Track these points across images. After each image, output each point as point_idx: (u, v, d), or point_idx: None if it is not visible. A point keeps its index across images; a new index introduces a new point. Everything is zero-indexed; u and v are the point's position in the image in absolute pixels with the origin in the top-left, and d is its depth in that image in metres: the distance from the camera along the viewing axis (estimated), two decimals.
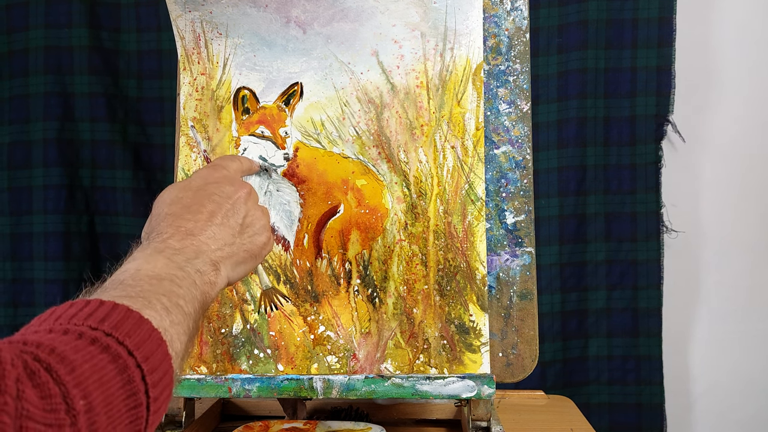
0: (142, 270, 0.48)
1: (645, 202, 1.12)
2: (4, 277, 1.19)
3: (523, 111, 0.86)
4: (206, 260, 0.53)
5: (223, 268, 0.55)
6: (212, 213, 0.56)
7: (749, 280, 1.17)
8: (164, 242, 0.52)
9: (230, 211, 0.57)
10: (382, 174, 0.82)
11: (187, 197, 0.56)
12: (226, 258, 0.56)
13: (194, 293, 0.49)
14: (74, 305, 0.41)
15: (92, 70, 1.15)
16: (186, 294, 0.48)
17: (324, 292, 0.81)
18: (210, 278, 0.53)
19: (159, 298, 0.45)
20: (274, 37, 0.84)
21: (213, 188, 0.58)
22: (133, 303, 0.43)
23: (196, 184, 0.58)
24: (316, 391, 0.77)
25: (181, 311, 0.46)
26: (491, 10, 0.86)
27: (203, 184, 0.58)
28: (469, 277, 0.80)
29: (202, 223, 0.55)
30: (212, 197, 0.57)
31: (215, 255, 0.54)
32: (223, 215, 0.57)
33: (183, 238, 0.53)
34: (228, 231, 0.57)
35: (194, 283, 0.50)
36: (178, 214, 0.55)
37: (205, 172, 0.61)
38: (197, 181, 0.59)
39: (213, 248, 0.54)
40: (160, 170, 1.17)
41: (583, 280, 1.14)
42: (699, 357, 1.19)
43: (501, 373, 0.83)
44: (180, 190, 0.57)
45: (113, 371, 0.37)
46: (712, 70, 1.16)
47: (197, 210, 0.55)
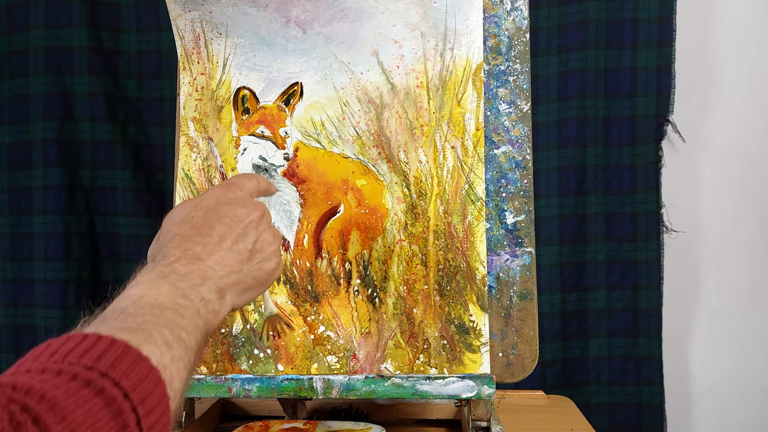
0: (145, 297, 0.46)
1: (645, 202, 1.12)
2: (4, 277, 1.19)
3: (523, 111, 0.86)
4: (212, 287, 0.51)
5: (228, 296, 0.53)
6: (222, 237, 0.54)
7: (749, 280, 1.17)
8: (170, 266, 0.51)
9: (240, 236, 0.55)
10: (382, 174, 0.82)
11: (198, 218, 0.54)
12: (233, 285, 0.54)
13: (197, 323, 0.48)
14: (71, 339, 0.39)
15: (92, 70, 1.16)
16: (189, 325, 0.46)
17: (324, 292, 0.81)
18: (214, 307, 0.51)
19: (161, 331, 0.43)
20: (274, 37, 0.84)
21: (225, 210, 0.55)
22: (133, 337, 0.41)
23: (207, 203, 0.56)
24: (316, 391, 0.77)
25: (183, 345, 0.44)
26: (491, 10, 0.86)
27: (215, 205, 0.56)
28: (469, 277, 0.80)
29: (211, 247, 0.53)
30: (223, 219, 0.55)
31: (222, 282, 0.53)
32: (233, 240, 0.54)
33: (189, 263, 0.51)
34: (236, 257, 0.54)
35: (198, 313, 0.48)
36: (187, 236, 0.53)
37: (219, 192, 0.58)
38: (209, 200, 0.56)
39: (220, 274, 0.53)
40: (160, 170, 1.17)
41: (583, 280, 1.14)
42: (699, 357, 1.19)
43: (501, 373, 0.83)
44: (191, 209, 0.55)
45: (107, 416, 0.35)
46: (712, 70, 1.16)
47: (206, 233, 0.53)
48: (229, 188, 0.59)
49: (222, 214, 0.55)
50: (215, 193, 0.58)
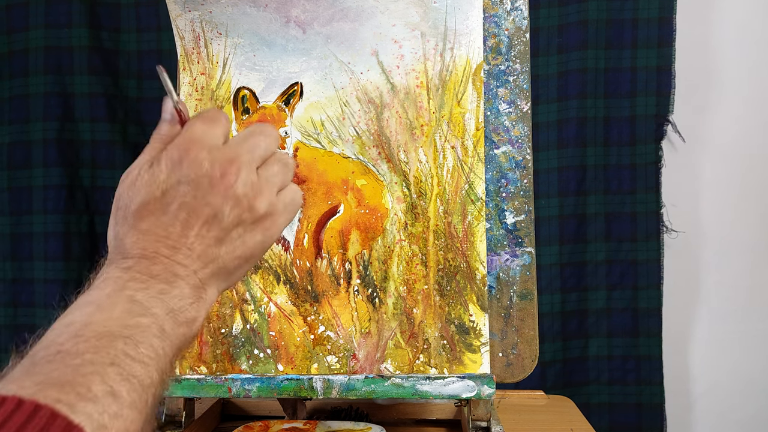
0: (91, 324, 0.38)
1: (645, 202, 1.12)
2: (4, 277, 1.19)
3: (523, 111, 0.86)
4: (184, 290, 0.42)
5: (209, 290, 0.44)
6: (186, 222, 0.43)
7: (749, 280, 1.17)
8: (128, 271, 0.42)
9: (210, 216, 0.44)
10: (382, 174, 0.82)
11: (155, 200, 0.43)
12: (212, 276, 0.45)
13: (160, 347, 0.39)
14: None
15: (92, 70, 1.16)
16: (146, 354, 0.38)
17: (324, 292, 0.81)
18: (188, 315, 0.42)
19: (104, 374, 0.35)
20: (273, 37, 0.84)
21: (185, 187, 0.43)
22: (64, 394, 0.33)
23: (164, 177, 0.44)
24: (316, 391, 0.77)
25: (135, 385, 0.36)
26: (491, 10, 0.86)
27: (175, 180, 0.43)
28: (469, 277, 0.80)
29: (175, 238, 0.43)
30: (185, 198, 0.43)
31: (196, 278, 0.43)
32: (201, 222, 0.43)
33: (152, 263, 0.42)
34: (208, 242, 0.44)
35: (162, 332, 0.40)
36: (145, 229, 0.43)
37: (176, 154, 0.44)
38: (166, 170, 0.44)
39: (193, 269, 0.43)
40: None
41: (583, 280, 1.14)
42: (699, 357, 1.19)
43: (501, 373, 0.83)
44: (146, 187, 0.44)
45: None
46: (712, 70, 1.16)
47: (167, 221, 0.43)
48: (189, 147, 0.44)
49: (182, 193, 0.43)
50: (172, 155, 0.44)
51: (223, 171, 0.44)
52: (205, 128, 0.45)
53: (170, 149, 0.44)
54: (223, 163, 0.44)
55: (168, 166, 0.44)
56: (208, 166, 0.43)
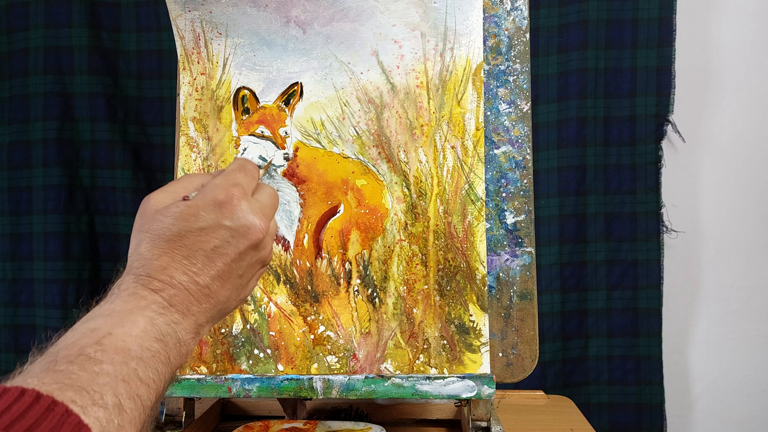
0: (113, 335, 0.40)
1: (645, 202, 1.12)
2: (4, 277, 1.19)
3: (523, 111, 0.86)
4: (191, 325, 0.46)
5: (204, 330, 0.48)
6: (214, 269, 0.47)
7: (749, 280, 1.17)
8: (153, 294, 0.45)
9: (234, 269, 0.48)
10: (382, 174, 0.82)
11: (189, 240, 0.46)
12: (213, 318, 0.48)
13: (162, 373, 0.42)
14: (5, 396, 0.34)
15: (92, 70, 1.16)
16: (152, 378, 0.41)
17: (324, 292, 0.81)
18: (188, 348, 0.45)
19: (116, 388, 0.38)
20: (274, 37, 0.84)
21: (221, 238, 0.47)
22: (80, 397, 0.35)
23: (204, 223, 0.47)
24: (316, 391, 0.77)
25: (138, 404, 0.39)
26: (491, 10, 0.86)
27: (211, 227, 0.47)
28: (469, 277, 0.80)
29: (199, 280, 0.46)
30: (219, 250, 0.47)
31: (203, 317, 0.47)
32: (223, 272, 0.48)
33: (174, 294, 0.45)
34: (224, 291, 0.48)
35: (167, 360, 0.43)
36: (176, 260, 0.46)
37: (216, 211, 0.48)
38: (207, 216, 0.47)
39: (204, 307, 0.47)
40: (160, 170, 1.17)
41: (583, 280, 1.14)
42: (699, 357, 1.19)
43: (501, 373, 0.83)
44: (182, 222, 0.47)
45: None
46: (712, 70, 1.16)
47: (198, 263, 0.46)
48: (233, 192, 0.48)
49: (217, 236, 0.47)
50: (216, 196, 0.48)
51: (259, 225, 0.49)
52: (245, 179, 0.50)
53: (214, 190, 0.48)
54: (258, 215, 0.49)
55: (210, 205, 0.47)
56: (248, 218, 0.48)
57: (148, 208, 0.49)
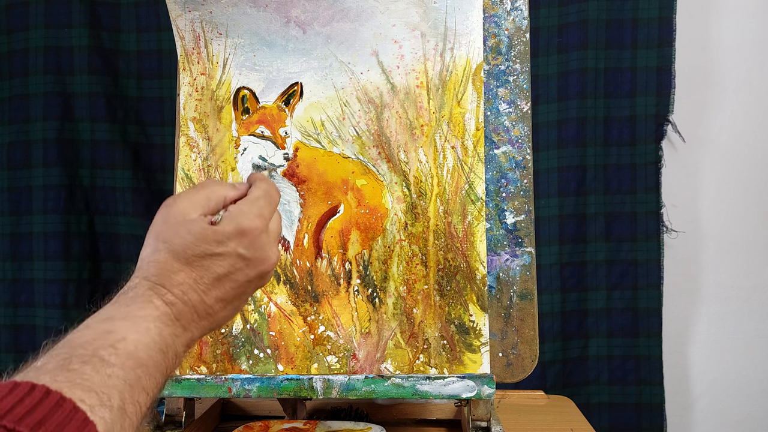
0: (127, 340, 0.43)
1: (645, 202, 1.12)
2: (4, 277, 1.19)
3: (523, 111, 0.86)
4: (187, 340, 0.48)
5: (193, 345, 0.51)
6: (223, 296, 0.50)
7: (749, 280, 1.17)
8: (165, 306, 0.47)
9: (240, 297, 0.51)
10: (382, 174, 0.82)
11: (208, 260, 0.49)
12: (204, 333, 0.51)
13: (159, 382, 0.45)
14: (16, 390, 0.36)
15: (92, 70, 1.16)
16: (151, 387, 0.43)
17: (324, 292, 0.81)
18: (180, 360, 0.48)
19: (123, 392, 0.40)
20: (274, 37, 0.84)
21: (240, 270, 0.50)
22: (88, 397, 0.38)
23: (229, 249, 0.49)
24: (316, 391, 0.77)
25: (137, 410, 0.41)
26: (491, 10, 0.86)
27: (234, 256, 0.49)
28: (469, 277, 0.80)
29: (208, 301, 0.49)
30: (234, 277, 0.50)
31: (197, 333, 0.49)
32: (230, 299, 0.50)
33: (181, 310, 0.48)
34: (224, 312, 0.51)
35: (165, 372, 0.45)
36: (191, 278, 0.48)
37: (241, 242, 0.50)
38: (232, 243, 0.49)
39: (202, 325, 0.49)
40: (160, 170, 1.17)
41: (583, 280, 1.14)
42: (699, 357, 1.19)
43: (501, 373, 0.83)
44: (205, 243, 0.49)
45: None
46: (712, 70, 1.16)
47: (212, 286, 0.49)
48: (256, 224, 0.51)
49: (232, 263, 0.49)
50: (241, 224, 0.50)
51: (272, 257, 0.52)
52: (269, 209, 0.52)
53: (239, 218, 0.50)
54: (271, 247, 0.52)
55: (233, 232, 0.49)
56: (264, 251, 0.51)
57: (170, 215, 0.50)
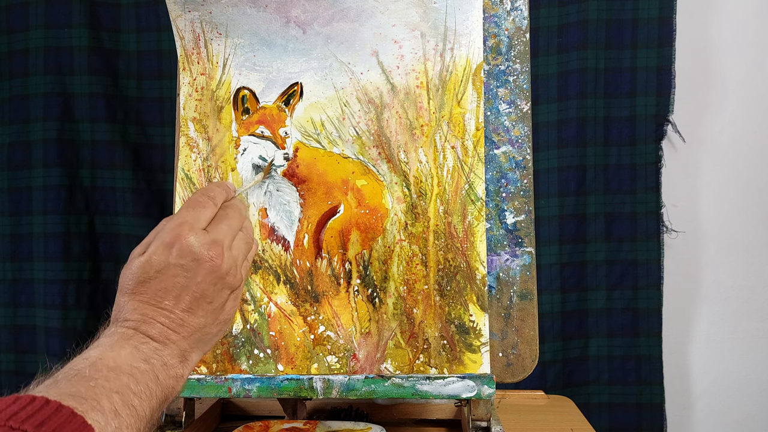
0: (103, 359, 0.46)
1: (645, 202, 1.12)
2: (4, 277, 1.19)
3: (523, 111, 0.86)
4: (174, 351, 0.51)
5: (193, 356, 0.53)
6: (177, 299, 0.52)
7: (749, 280, 1.17)
8: (132, 330, 0.50)
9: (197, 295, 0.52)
10: (382, 174, 0.82)
11: (151, 279, 0.51)
12: (196, 343, 0.53)
13: (153, 390, 0.47)
14: (18, 401, 0.39)
15: (92, 70, 1.16)
16: (143, 391, 0.46)
17: (324, 292, 0.81)
18: (177, 371, 0.50)
19: (111, 397, 0.43)
20: (273, 37, 0.84)
21: (175, 270, 0.52)
22: (80, 404, 0.41)
23: (157, 261, 0.52)
24: (316, 391, 0.77)
25: (133, 412, 0.44)
26: (491, 10, 0.86)
27: (165, 264, 0.52)
28: (469, 277, 0.80)
29: (168, 310, 0.51)
30: (175, 279, 0.51)
31: (184, 344, 0.51)
32: (190, 300, 0.52)
33: (150, 327, 0.50)
34: (195, 317, 0.52)
35: (156, 379, 0.48)
36: (144, 300, 0.51)
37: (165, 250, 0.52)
38: (159, 257, 0.52)
39: (183, 335, 0.51)
40: (160, 170, 1.17)
41: (583, 280, 1.14)
42: (699, 357, 1.19)
43: (501, 373, 0.83)
44: (141, 270, 0.52)
45: None
46: (712, 70, 1.16)
47: (161, 296, 0.51)
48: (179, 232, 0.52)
49: (174, 274, 0.52)
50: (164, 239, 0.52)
51: (210, 254, 0.52)
52: (193, 213, 0.54)
53: (162, 234, 0.53)
54: (209, 246, 0.53)
55: (160, 249, 0.52)
56: (197, 251, 0.52)
57: (125, 267, 0.54)
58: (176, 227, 0.53)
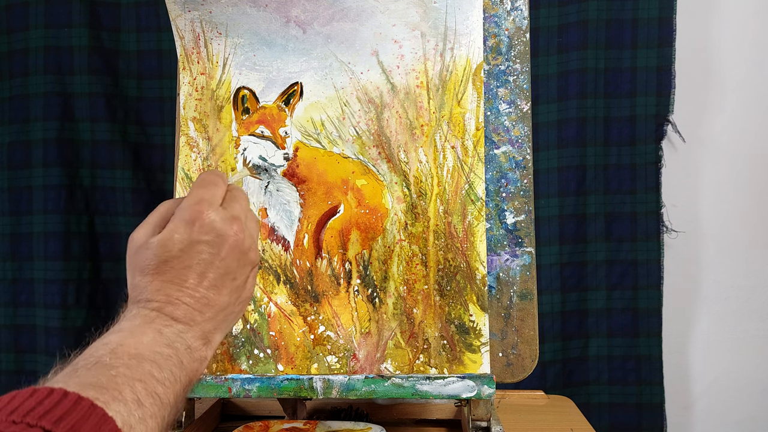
0: (124, 345, 0.44)
1: (645, 202, 1.12)
2: (4, 277, 1.19)
3: (523, 111, 0.86)
4: (197, 332, 0.49)
5: (216, 337, 0.51)
6: (201, 276, 0.50)
7: (749, 280, 1.17)
8: (155, 311, 0.48)
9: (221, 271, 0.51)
10: (382, 174, 0.82)
11: (173, 258, 0.50)
12: (219, 324, 0.52)
13: (178, 375, 0.46)
14: (36, 394, 0.37)
15: (92, 70, 1.16)
16: (167, 378, 0.44)
17: (324, 292, 0.81)
18: (201, 354, 0.49)
19: (133, 386, 0.41)
20: (274, 37, 0.84)
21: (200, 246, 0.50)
22: (101, 394, 0.39)
23: (179, 239, 0.50)
24: (316, 391, 0.77)
25: (157, 401, 0.42)
26: (491, 10, 0.86)
27: (188, 241, 0.50)
28: (469, 277, 0.80)
29: (191, 289, 0.50)
30: (201, 256, 0.50)
31: (208, 325, 0.50)
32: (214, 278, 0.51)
33: (175, 308, 0.49)
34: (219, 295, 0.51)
35: (180, 364, 0.46)
36: (167, 279, 0.50)
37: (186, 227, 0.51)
38: (181, 235, 0.50)
39: (207, 316, 0.50)
40: (160, 170, 1.17)
41: (583, 280, 1.14)
42: (699, 357, 1.19)
43: (501, 373, 0.83)
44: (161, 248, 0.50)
45: None
46: (712, 70, 1.16)
47: (185, 275, 0.50)
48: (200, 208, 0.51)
49: (198, 251, 0.50)
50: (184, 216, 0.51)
51: (233, 229, 0.52)
52: (208, 191, 0.53)
53: (181, 212, 0.51)
54: (230, 221, 0.52)
55: (182, 227, 0.51)
56: (219, 226, 0.51)
57: (132, 246, 0.52)
58: (195, 204, 0.51)
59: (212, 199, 0.52)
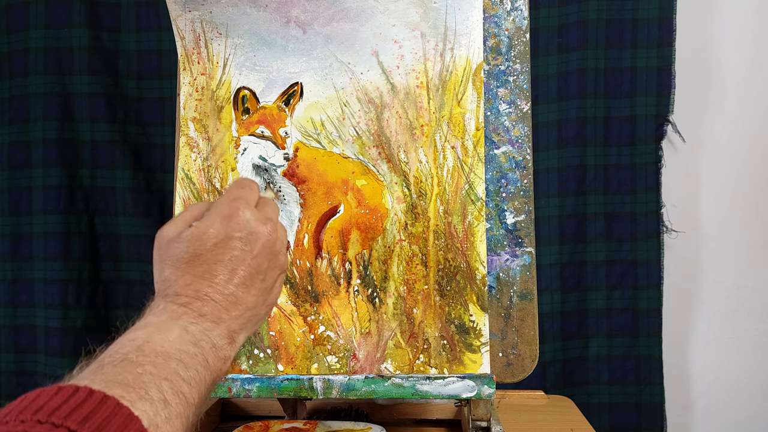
0: (150, 342, 0.44)
1: (645, 202, 1.12)
2: (4, 277, 1.19)
3: (523, 111, 0.86)
4: (224, 331, 0.49)
5: (240, 336, 0.51)
6: (233, 274, 0.50)
7: (749, 280, 1.17)
8: (183, 306, 0.48)
9: (254, 271, 0.51)
10: (382, 174, 0.82)
11: (206, 253, 0.50)
12: (245, 323, 0.51)
13: (203, 375, 0.45)
14: (61, 393, 0.36)
15: (92, 70, 1.16)
16: (193, 377, 0.44)
17: (324, 292, 0.81)
18: (225, 353, 0.49)
19: (160, 385, 0.41)
20: (274, 37, 0.84)
21: (235, 243, 0.51)
22: (127, 393, 0.38)
23: (215, 233, 0.50)
24: (316, 391, 0.77)
25: (183, 400, 0.42)
26: (491, 10, 0.86)
27: (224, 237, 0.50)
28: (469, 277, 0.80)
29: (222, 286, 0.50)
30: (234, 252, 0.50)
31: (235, 323, 0.50)
32: (244, 276, 0.51)
33: (203, 304, 0.48)
34: (249, 295, 0.51)
35: (205, 363, 0.46)
36: (198, 274, 0.49)
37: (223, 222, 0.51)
38: (216, 230, 0.51)
39: (234, 315, 0.50)
40: (160, 170, 1.17)
41: (583, 280, 1.14)
42: (699, 357, 1.19)
43: (501, 373, 0.83)
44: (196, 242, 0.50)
45: None
46: (712, 70, 1.16)
47: (217, 271, 0.50)
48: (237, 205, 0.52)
49: (231, 247, 0.51)
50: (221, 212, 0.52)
51: (267, 229, 0.52)
52: (244, 192, 0.54)
53: (218, 207, 0.52)
54: (264, 221, 0.52)
55: (218, 222, 0.51)
56: (253, 225, 0.52)
57: (162, 239, 0.52)
58: (233, 201, 0.52)
59: (249, 198, 0.53)
